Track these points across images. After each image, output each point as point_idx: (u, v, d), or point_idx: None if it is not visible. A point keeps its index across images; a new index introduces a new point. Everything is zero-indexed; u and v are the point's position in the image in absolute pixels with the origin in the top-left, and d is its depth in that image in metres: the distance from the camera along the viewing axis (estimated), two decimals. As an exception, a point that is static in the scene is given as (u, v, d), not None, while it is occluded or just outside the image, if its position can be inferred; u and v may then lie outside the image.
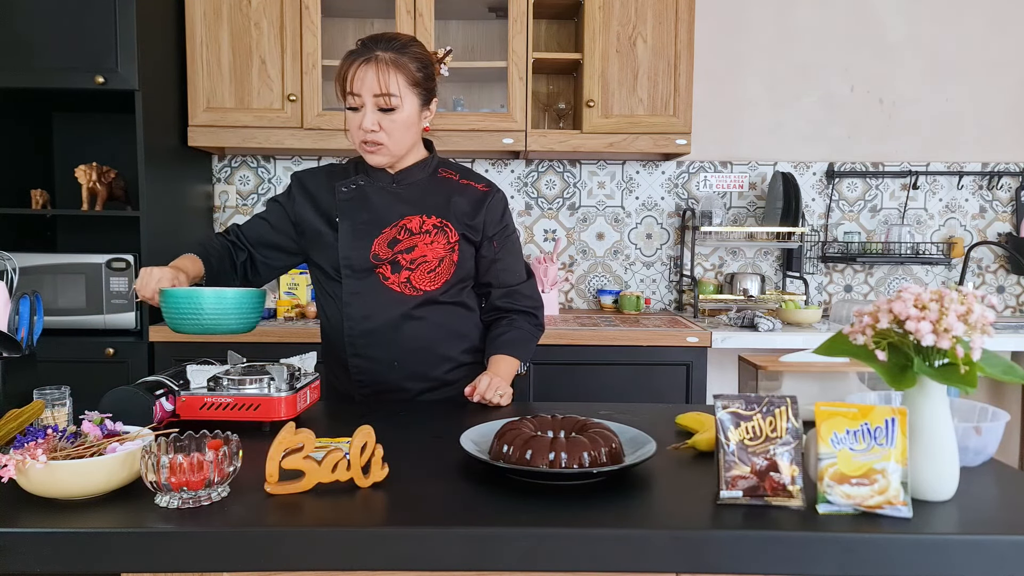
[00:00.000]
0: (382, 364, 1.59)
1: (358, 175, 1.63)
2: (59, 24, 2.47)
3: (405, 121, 1.53)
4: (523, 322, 1.68)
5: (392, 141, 1.53)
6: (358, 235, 1.57)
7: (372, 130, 1.51)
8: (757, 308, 2.98)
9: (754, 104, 3.19)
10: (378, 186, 1.61)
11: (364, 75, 1.49)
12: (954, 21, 3.17)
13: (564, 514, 0.95)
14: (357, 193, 1.61)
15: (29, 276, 2.49)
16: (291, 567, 0.90)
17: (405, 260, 1.57)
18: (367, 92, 1.49)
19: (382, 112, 1.51)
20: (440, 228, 1.59)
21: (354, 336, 1.59)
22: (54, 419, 1.23)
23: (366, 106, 1.50)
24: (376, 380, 1.61)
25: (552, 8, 2.94)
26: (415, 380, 1.61)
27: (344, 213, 1.59)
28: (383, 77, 1.48)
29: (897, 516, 0.94)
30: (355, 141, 1.55)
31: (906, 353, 0.98)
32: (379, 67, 1.48)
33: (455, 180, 1.66)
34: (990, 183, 3.22)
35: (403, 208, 1.60)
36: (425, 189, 1.62)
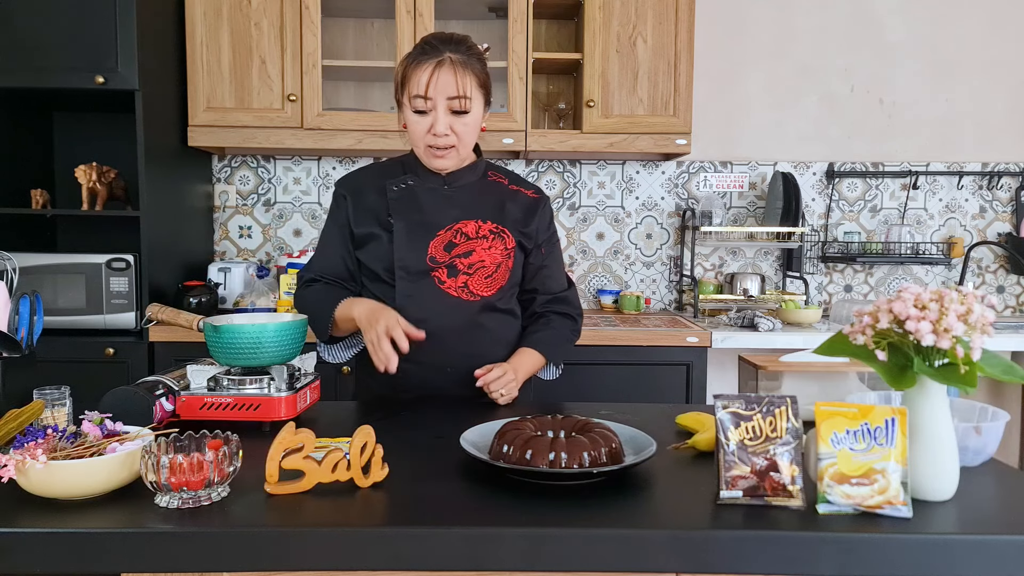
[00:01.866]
0: (433, 369, 1.55)
1: (407, 174, 1.59)
2: (59, 24, 2.47)
3: (475, 123, 1.51)
4: (560, 323, 1.65)
5: (462, 144, 1.51)
6: (413, 236, 1.54)
7: (445, 134, 1.48)
8: (757, 308, 2.98)
9: (754, 104, 3.19)
10: (428, 187, 1.58)
11: (438, 78, 1.45)
12: (954, 21, 3.17)
13: (564, 514, 0.95)
14: (407, 193, 1.57)
15: (29, 276, 2.49)
16: (291, 567, 0.90)
17: (463, 264, 1.54)
18: (441, 96, 1.46)
19: (454, 115, 1.48)
20: (497, 234, 1.57)
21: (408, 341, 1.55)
22: (54, 419, 1.23)
23: (438, 110, 1.47)
24: (424, 385, 1.57)
25: (552, 8, 2.94)
26: (463, 386, 1.56)
27: (397, 213, 1.55)
28: (460, 80, 1.45)
29: (897, 516, 0.94)
30: (419, 145, 1.52)
31: (906, 353, 0.98)
32: (456, 69, 1.45)
33: (505, 185, 1.64)
34: (990, 183, 3.22)
35: (456, 211, 1.56)
36: (476, 193, 1.60)
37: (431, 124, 1.48)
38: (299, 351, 1.41)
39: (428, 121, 1.48)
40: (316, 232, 3.18)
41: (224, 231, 3.18)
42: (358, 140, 2.78)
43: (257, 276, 2.93)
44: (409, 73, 1.48)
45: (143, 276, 2.56)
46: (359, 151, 2.98)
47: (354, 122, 2.79)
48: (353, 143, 2.79)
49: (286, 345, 1.36)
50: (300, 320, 1.40)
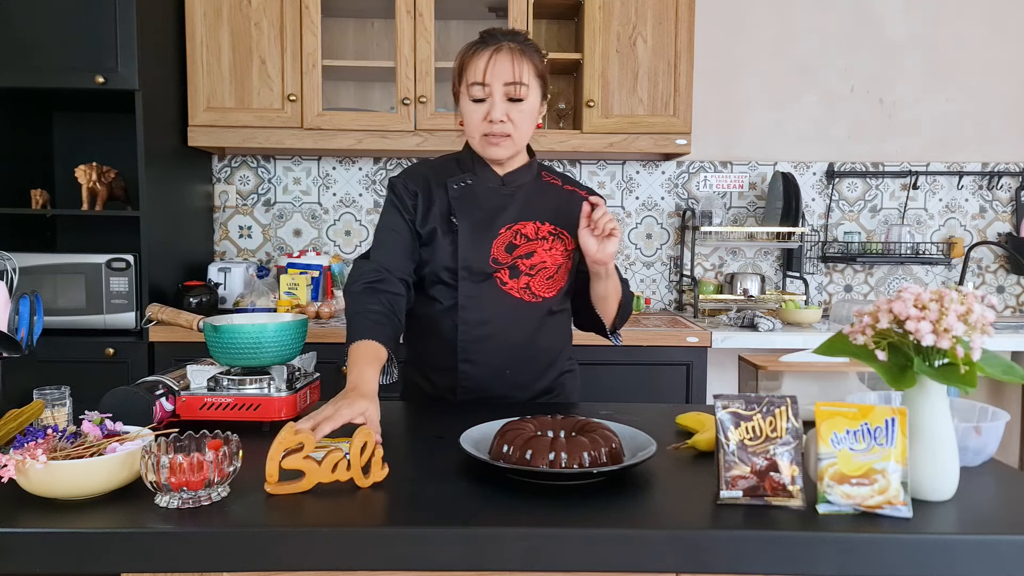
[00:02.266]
0: (490, 370, 1.53)
1: (465, 173, 1.58)
2: (59, 24, 2.47)
3: (531, 112, 1.50)
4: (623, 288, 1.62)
5: (517, 133, 1.50)
6: (476, 237, 1.52)
7: (501, 120, 1.47)
8: (757, 308, 2.98)
9: (754, 104, 3.19)
10: (487, 186, 1.56)
11: (495, 63, 1.45)
12: (954, 21, 3.17)
13: (564, 514, 0.95)
14: (467, 192, 1.55)
15: (29, 276, 2.49)
16: (291, 567, 0.90)
17: (525, 265, 1.53)
18: (498, 81, 1.45)
19: (510, 102, 1.47)
20: (557, 235, 1.55)
21: (467, 342, 1.51)
22: (54, 419, 1.23)
23: (494, 96, 1.46)
24: (482, 387, 1.54)
25: (552, 8, 2.94)
26: (521, 389, 1.55)
27: (460, 212, 1.53)
28: (517, 65, 1.46)
29: (897, 516, 0.94)
30: (475, 134, 1.51)
31: (906, 353, 0.98)
32: (513, 55, 1.46)
33: (559, 186, 1.62)
34: (990, 183, 3.22)
35: (515, 212, 1.55)
36: (532, 194, 1.58)
37: (488, 111, 1.47)
38: (299, 351, 1.41)
39: (485, 108, 1.48)
40: (316, 232, 3.19)
41: (224, 231, 3.18)
42: (358, 140, 2.78)
43: (257, 276, 2.93)
44: (467, 62, 1.49)
45: (143, 276, 2.56)
46: (359, 151, 2.98)
47: (354, 122, 2.79)
48: (353, 143, 2.79)
49: (286, 345, 1.36)
50: (300, 320, 1.40)
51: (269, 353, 1.34)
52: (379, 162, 3.17)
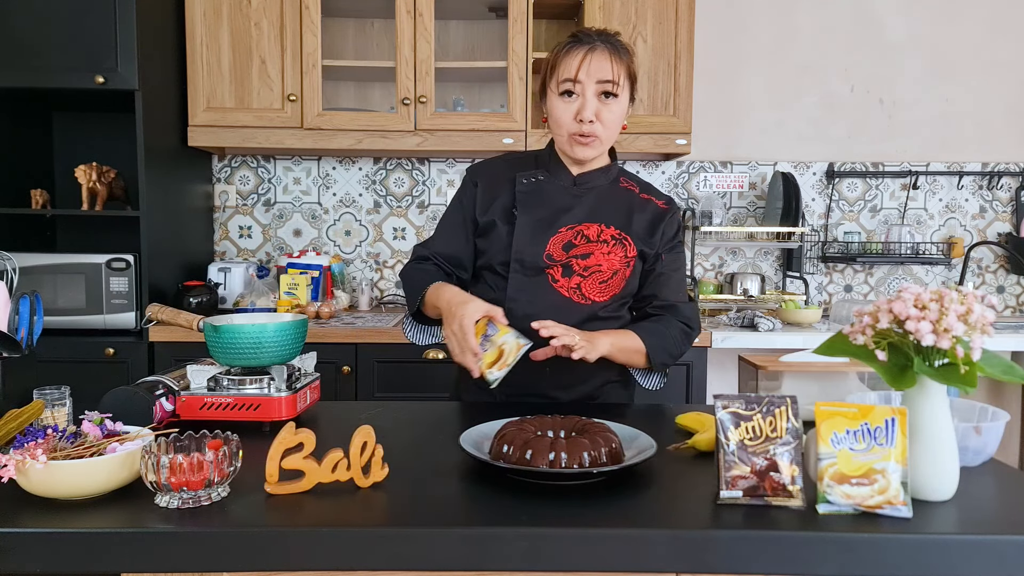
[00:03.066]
0: (534, 367, 1.49)
1: (539, 169, 1.58)
2: (59, 24, 2.47)
3: (620, 113, 1.50)
4: (672, 325, 1.55)
5: (605, 133, 1.49)
6: (534, 231, 1.52)
7: (591, 120, 1.46)
8: (757, 308, 2.98)
9: (754, 104, 3.19)
10: (558, 185, 1.56)
11: (591, 61, 1.45)
12: (954, 21, 3.17)
13: (564, 514, 0.95)
14: (536, 188, 1.55)
15: (29, 276, 2.49)
16: (291, 567, 0.90)
17: (579, 266, 1.52)
18: (591, 79, 1.45)
19: (602, 102, 1.47)
20: (619, 240, 1.54)
21: None
22: (54, 419, 1.23)
23: (586, 94, 1.46)
24: (524, 383, 1.51)
25: (552, 8, 2.94)
26: (564, 390, 1.54)
27: (523, 206, 1.53)
28: (616, 63, 1.46)
29: (897, 516, 0.94)
30: (563, 133, 1.50)
31: (906, 353, 0.98)
32: (610, 53, 1.46)
33: (635, 193, 1.61)
34: (990, 183, 3.22)
35: (581, 213, 1.54)
36: (605, 197, 1.57)
37: (578, 109, 1.47)
38: (299, 351, 1.41)
39: (575, 106, 1.47)
40: (316, 232, 3.19)
41: (224, 231, 3.18)
42: (358, 140, 2.78)
43: (257, 276, 2.93)
44: (560, 59, 1.48)
45: (143, 276, 2.56)
46: (359, 151, 2.98)
47: (354, 122, 2.79)
48: (353, 143, 2.79)
49: (286, 345, 1.36)
50: (300, 320, 1.40)
51: (269, 353, 1.34)
52: (379, 162, 3.17)
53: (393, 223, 3.20)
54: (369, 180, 3.18)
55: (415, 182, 3.18)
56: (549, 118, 1.53)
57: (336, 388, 2.51)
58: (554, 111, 1.50)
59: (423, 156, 3.13)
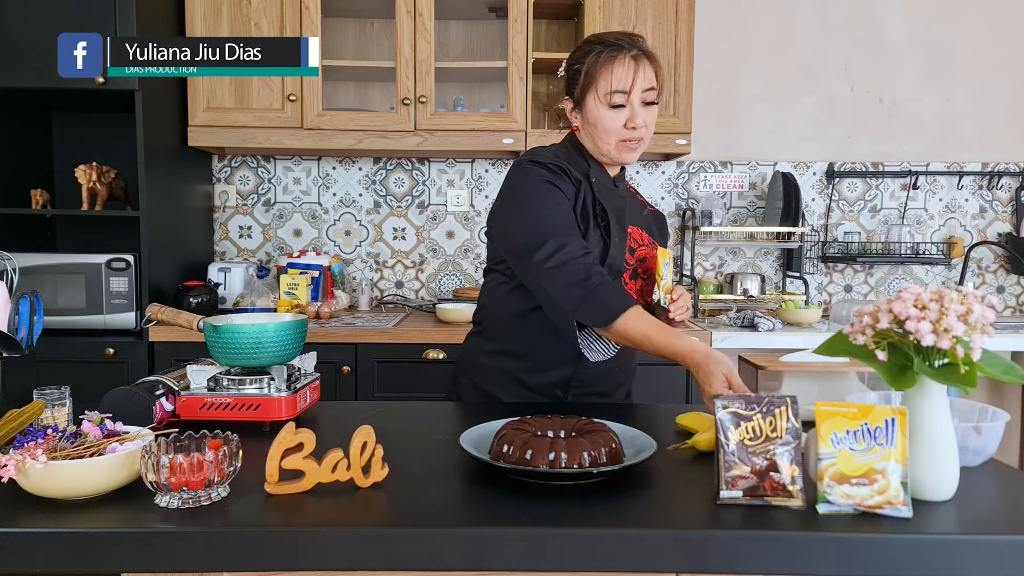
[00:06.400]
0: (606, 366, 1.55)
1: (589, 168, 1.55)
2: (59, 24, 2.46)
3: (656, 117, 1.53)
4: None
5: (648, 136, 1.52)
6: (617, 234, 1.52)
7: (643, 126, 1.48)
8: (757, 308, 2.98)
9: (754, 104, 3.19)
10: (606, 186, 1.56)
11: (636, 71, 1.46)
12: (954, 21, 3.17)
13: (564, 514, 0.95)
14: (601, 188, 1.54)
15: (29, 276, 2.49)
16: (291, 567, 0.90)
17: (641, 269, 1.56)
18: (638, 88, 1.46)
19: (646, 108, 1.48)
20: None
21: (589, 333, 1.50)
22: (54, 419, 1.23)
23: (634, 103, 1.47)
24: (594, 382, 1.55)
25: (552, 8, 2.94)
26: (620, 386, 1.60)
27: (606, 208, 1.51)
28: (656, 71, 1.48)
29: (897, 516, 0.93)
30: (611, 140, 1.48)
31: (906, 353, 0.98)
32: (650, 62, 1.48)
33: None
34: (990, 183, 3.22)
35: (627, 215, 1.57)
36: (629, 201, 1.61)
37: (627, 118, 1.47)
38: (299, 351, 1.41)
39: (625, 115, 1.47)
40: (316, 232, 3.18)
41: (224, 231, 3.18)
42: (358, 140, 2.78)
43: (257, 276, 2.93)
44: (600, 69, 1.46)
45: (143, 276, 2.56)
46: (359, 151, 2.98)
47: (354, 122, 2.79)
48: (353, 143, 2.79)
49: (286, 345, 1.36)
50: (300, 320, 1.40)
51: (269, 353, 1.34)
52: (379, 162, 3.17)
53: (393, 223, 3.19)
54: (369, 180, 3.18)
55: (415, 182, 3.18)
56: (590, 126, 1.50)
57: (336, 388, 2.51)
58: (602, 121, 1.48)
59: (423, 156, 3.13)
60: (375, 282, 3.21)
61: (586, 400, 1.55)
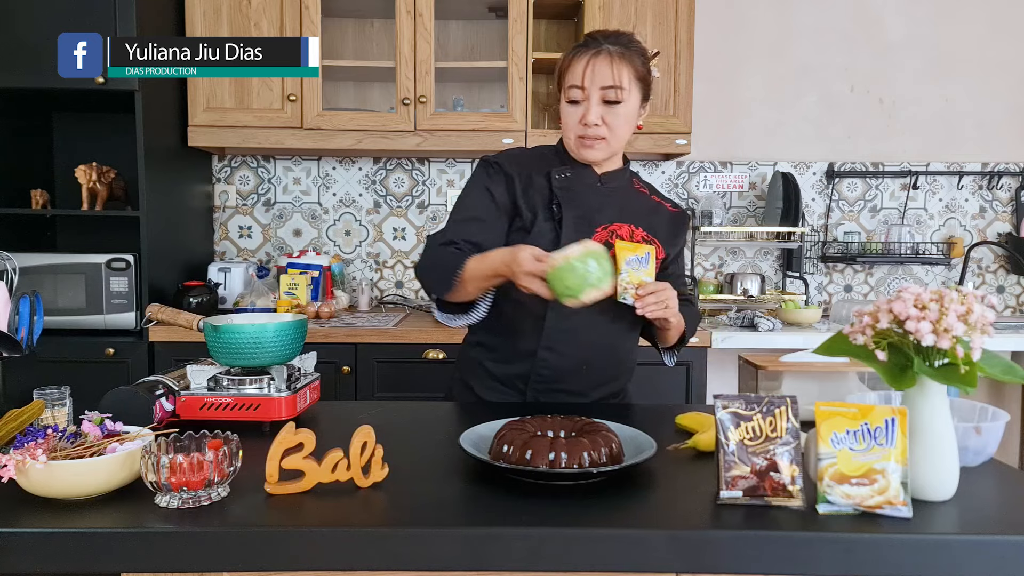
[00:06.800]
0: (572, 363, 1.53)
1: (565, 165, 1.57)
2: (59, 24, 2.46)
3: (627, 115, 1.50)
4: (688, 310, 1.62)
5: (613, 136, 1.50)
6: (577, 229, 1.51)
7: (596, 124, 1.48)
8: (757, 308, 2.98)
9: (754, 104, 3.19)
10: (586, 182, 1.56)
11: (595, 67, 1.46)
12: (954, 21, 3.17)
13: (564, 514, 0.95)
14: (568, 184, 1.55)
15: (29, 276, 2.49)
16: (291, 567, 0.90)
17: None
18: (595, 85, 1.46)
19: (606, 105, 1.48)
20: (648, 242, 1.55)
21: (554, 330, 1.50)
22: (54, 419, 1.23)
23: (591, 99, 1.47)
24: (560, 379, 1.53)
25: (552, 8, 2.94)
26: (595, 388, 1.56)
27: (564, 203, 1.53)
28: (616, 68, 1.46)
29: (897, 516, 0.94)
30: (570, 135, 1.52)
31: (906, 353, 0.98)
32: (612, 59, 1.46)
33: (647, 196, 1.63)
34: (990, 183, 3.22)
35: (611, 212, 1.55)
36: (627, 198, 1.59)
37: (583, 114, 1.48)
38: (299, 351, 1.41)
39: (580, 111, 1.49)
40: (316, 232, 3.18)
41: (224, 231, 3.18)
42: (358, 140, 2.78)
43: (257, 276, 2.93)
44: (567, 65, 1.50)
45: (143, 276, 2.56)
46: (359, 151, 2.98)
47: (354, 122, 2.79)
48: (353, 143, 2.79)
49: (286, 345, 1.36)
50: (300, 320, 1.40)
51: (269, 353, 1.34)
52: (379, 162, 3.17)
53: (393, 223, 3.19)
54: (369, 180, 3.18)
55: (415, 182, 3.18)
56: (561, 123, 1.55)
57: (336, 388, 2.51)
58: (563, 117, 1.53)
59: (423, 156, 3.13)
60: (375, 282, 3.21)
61: (554, 399, 1.54)
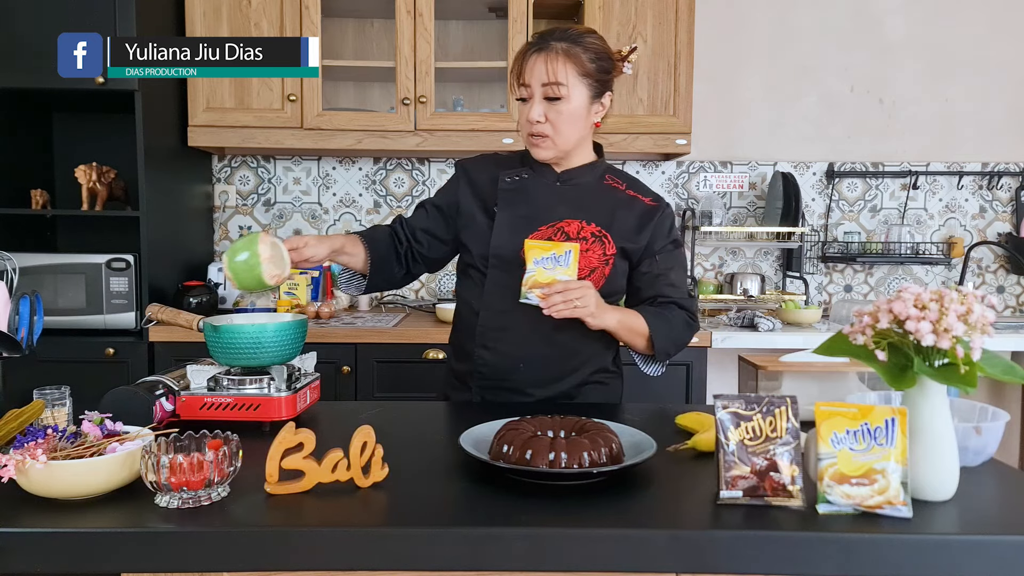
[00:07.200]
0: (508, 362, 1.53)
1: (524, 167, 1.60)
2: (59, 24, 2.46)
3: (572, 113, 1.50)
4: (676, 315, 1.56)
5: (557, 134, 1.50)
6: (514, 228, 1.53)
7: (538, 121, 1.48)
8: (757, 308, 2.98)
9: (754, 104, 3.19)
10: (542, 182, 1.58)
11: (535, 64, 1.47)
12: (954, 21, 3.17)
13: (564, 514, 0.95)
14: (520, 185, 1.57)
15: (29, 276, 2.49)
16: (291, 567, 0.90)
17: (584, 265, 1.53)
18: (536, 81, 1.47)
19: (549, 103, 1.48)
20: (598, 237, 1.54)
21: (487, 328, 1.53)
22: (54, 419, 1.23)
23: (534, 97, 1.49)
24: (499, 377, 1.54)
25: (552, 8, 2.94)
26: (538, 387, 1.54)
27: (504, 204, 1.56)
28: (551, 65, 1.46)
29: (897, 516, 0.94)
30: (523, 135, 1.54)
31: (906, 353, 0.98)
32: (549, 56, 1.47)
33: (621, 190, 1.61)
34: (990, 183, 3.21)
35: (564, 209, 1.55)
36: (589, 193, 1.58)
37: (529, 111, 1.50)
38: (299, 351, 1.41)
39: (526, 109, 1.51)
40: (316, 232, 3.18)
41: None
42: (358, 140, 2.78)
43: (257, 276, 2.93)
44: (515, 62, 1.53)
45: (143, 276, 2.56)
46: (359, 151, 2.98)
47: (354, 122, 2.79)
48: (353, 143, 2.79)
49: (286, 345, 1.36)
50: (300, 320, 1.40)
51: (269, 353, 1.34)
52: (379, 162, 3.17)
53: (393, 223, 3.19)
54: (369, 180, 3.18)
55: (415, 182, 3.18)
56: None
57: (336, 388, 2.51)
58: (518, 115, 1.57)
59: (423, 156, 3.13)
60: (375, 282, 3.20)
61: (497, 397, 1.55)
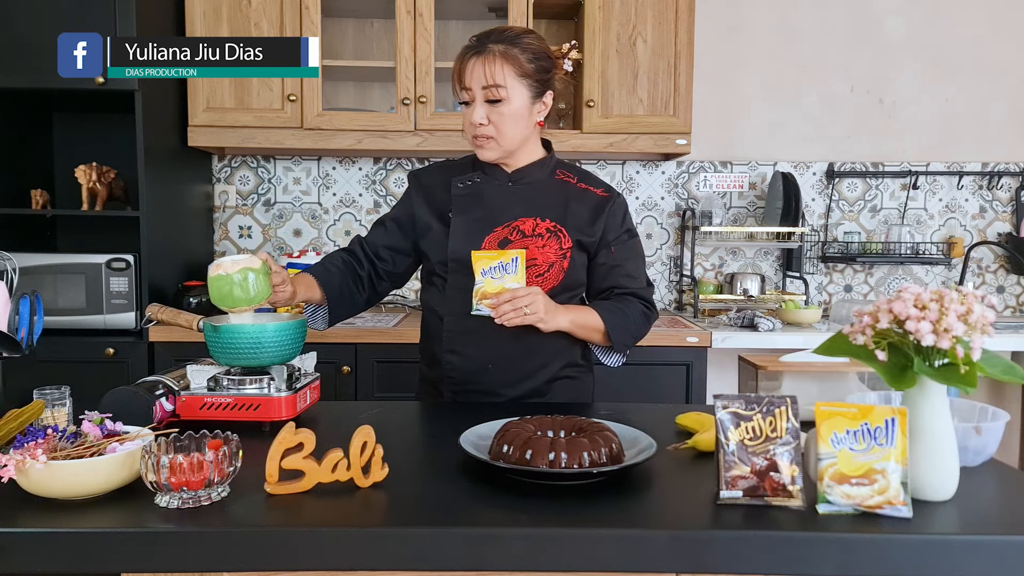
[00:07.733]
0: (476, 364, 1.55)
1: (475, 172, 1.61)
2: (59, 24, 2.46)
3: (513, 113, 1.51)
4: (633, 306, 1.58)
5: (501, 135, 1.51)
6: (470, 232, 1.54)
7: (481, 123, 1.50)
8: (757, 308, 2.98)
9: (754, 104, 3.19)
10: (495, 184, 1.59)
11: (474, 67, 1.49)
12: (954, 21, 3.17)
13: (564, 514, 0.95)
14: (473, 190, 1.59)
15: (29, 276, 2.49)
16: (291, 567, 0.90)
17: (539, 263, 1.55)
18: (476, 85, 1.49)
19: (490, 105, 1.49)
20: (553, 232, 1.55)
21: (453, 333, 1.56)
22: (54, 419, 1.23)
23: (476, 100, 1.50)
24: (468, 380, 1.57)
25: (552, 8, 2.94)
26: (508, 386, 1.56)
27: (458, 209, 1.57)
28: (489, 68, 1.47)
29: (897, 516, 0.94)
30: (468, 137, 1.55)
31: (906, 353, 0.98)
32: (486, 59, 1.48)
33: (572, 184, 1.62)
34: (990, 183, 3.21)
35: (518, 208, 1.57)
36: (542, 190, 1.60)
37: (471, 114, 1.51)
38: (299, 351, 1.41)
39: (470, 112, 1.52)
40: (316, 232, 3.18)
41: (224, 231, 3.18)
42: (358, 140, 2.78)
43: (257, 276, 2.92)
44: (455, 66, 1.53)
45: (143, 276, 2.56)
46: (359, 151, 2.98)
47: (354, 122, 2.79)
48: (353, 143, 2.79)
49: (286, 345, 1.36)
50: (300, 320, 1.41)
51: (269, 353, 1.34)
52: (379, 162, 3.17)
53: (393, 223, 3.19)
54: (369, 180, 3.18)
55: (415, 182, 3.18)
56: None
57: (336, 388, 2.51)
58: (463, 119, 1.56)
59: (423, 156, 3.13)
60: (375, 282, 3.20)
61: (468, 399, 1.57)
